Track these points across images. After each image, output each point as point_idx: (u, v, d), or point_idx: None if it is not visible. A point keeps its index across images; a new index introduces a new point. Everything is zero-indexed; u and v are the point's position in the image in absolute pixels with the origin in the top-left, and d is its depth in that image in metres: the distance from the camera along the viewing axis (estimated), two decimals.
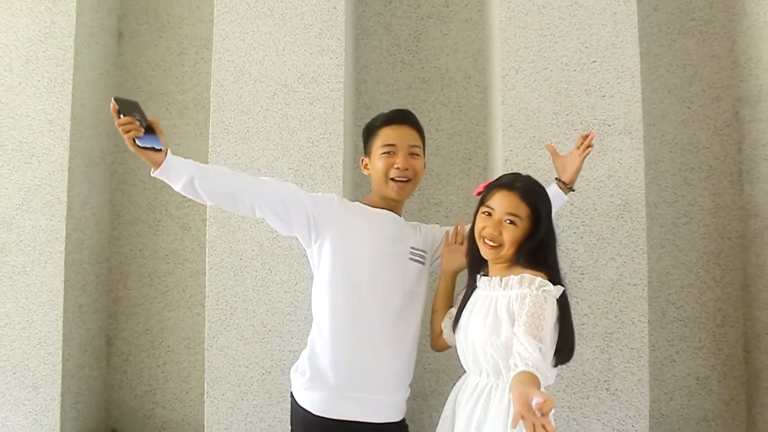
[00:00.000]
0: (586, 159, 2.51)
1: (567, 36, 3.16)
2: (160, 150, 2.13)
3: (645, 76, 3.52)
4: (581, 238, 3.06)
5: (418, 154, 2.43)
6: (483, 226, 2.19)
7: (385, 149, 2.39)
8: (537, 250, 2.15)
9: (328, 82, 3.23)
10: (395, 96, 3.69)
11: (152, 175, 2.16)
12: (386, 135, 2.41)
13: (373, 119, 2.50)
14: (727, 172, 3.58)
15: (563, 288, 2.10)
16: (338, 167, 3.17)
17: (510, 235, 2.14)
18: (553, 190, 2.50)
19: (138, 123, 2.09)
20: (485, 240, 2.17)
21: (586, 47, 3.15)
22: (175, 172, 2.16)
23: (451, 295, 2.47)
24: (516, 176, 2.25)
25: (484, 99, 3.67)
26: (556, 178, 2.55)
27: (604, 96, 3.12)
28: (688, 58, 3.65)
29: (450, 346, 2.38)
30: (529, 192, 2.18)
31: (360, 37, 3.75)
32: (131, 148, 2.11)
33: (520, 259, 2.15)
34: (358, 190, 3.46)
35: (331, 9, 3.25)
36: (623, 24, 3.15)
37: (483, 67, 3.69)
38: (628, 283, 3.05)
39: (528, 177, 2.25)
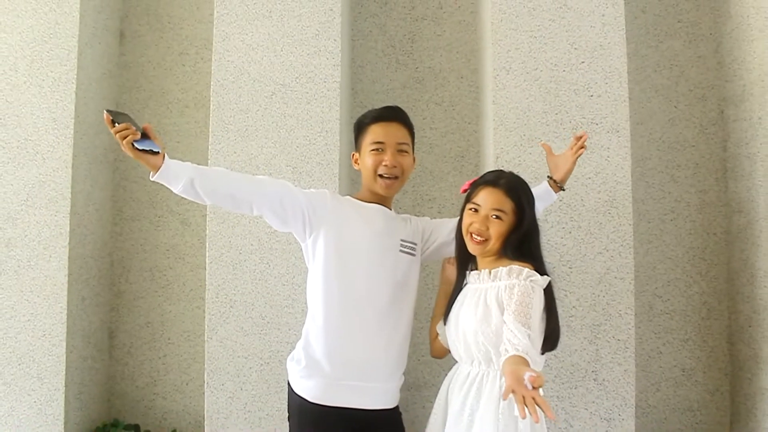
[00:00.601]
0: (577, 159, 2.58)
1: (556, 37, 3.25)
2: (158, 153, 2.17)
3: (633, 77, 3.62)
4: (569, 233, 3.16)
5: (406, 152, 2.47)
6: (470, 222, 2.27)
7: (374, 146, 2.44)
8: (522, 243, 2.24)
9: (324, 82, 3.31)
10: (390, 95, 3.77)
11: (152, 179, 2.21)
12: (375, 132, 2.45)
13: (363, 115, 2.54)
14: (713, 170, 3.68)
15: (549, 278, 2.19)
16: (334, 164, 3.26)
17: (496, 230, 2.22)
18: (543, 188, 2.57)
19: (134, 128, 2.13)
20: (472, 235, 2.26)
21: (575, 48, 3.24)
22: (174, 175, 2.21)
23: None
24: (500, 173, 2.34)
25: (476, 98, 3.76)
26: (548, 176, 2.62)
27: (592, 96, 3.21)
28: (675, 59, 3.75)
29: (448, 351, 2.43)
30: (513, 188, 2.26)
31: (356, 38, 3.83)
32: (129, 153, 2.14)
33: (506, 252, 2.24)
34: (353, 186, 3.54)
35: (327, 11, 3.34)
36: (611, 26, 3.24)
37: (475, 68, 3.78)
38: (615, 277, 3.14)
39: (511, 173, 2.34)
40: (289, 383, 2.48)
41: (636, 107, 3.64)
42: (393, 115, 2.50)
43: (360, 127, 2.52)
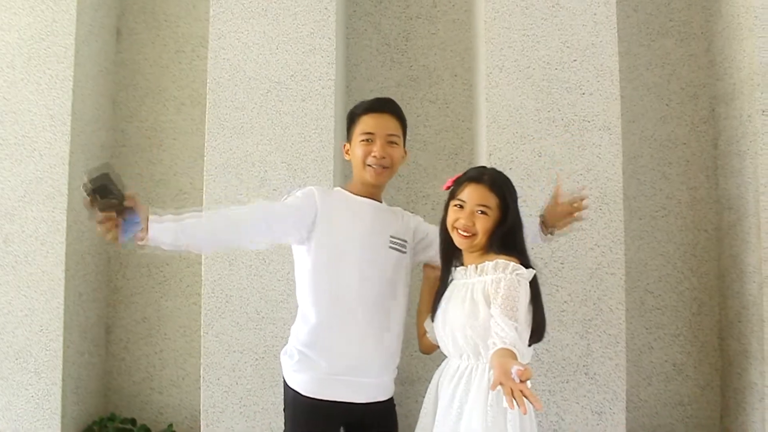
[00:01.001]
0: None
1: (549, 36, 3.29)
2: (142, 227, 2.09)
3: (625, 75, 3.66)
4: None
5: (396, 143, 2.46)
6: (456, 218, 2.29)
7: (364, 137, 2.42)
8: (507, 237, 2.27)
9: (319, 80, 3.34)
10: (384, 93, 3.77)
11: (137, 247, 2.16)
12: (366, 123, 2.44)
13: (356, 106, 2.54)
14: (703, 167, 3.72)
15: (534, 271, 2.22)
16: (329, 161, 3.29)
17: (482, 225, 2.25)
18: (534, 228, 2.58)
19: (115, 212, 2.03)
20: (459, 231, 2.29)
21: (567, 47, 3.28)
22: (158, 241, 2.14)
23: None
24: (483, 169, 2.37)
25: (469, 96, 3.80)
26: (540, 216, 2.60)
27: (584, 94, 3.25)
28: (667, 58, 3.78)
29: (437, 347, 2.45)
30: (496, 183, 2.30)
31: (351, 36, 3.86)
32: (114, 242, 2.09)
33: (492, 247, 2.26)
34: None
35: (322, 9, 3.36)
36: (603, 24, 3.28)
37: (469, 66, 3.81)
38: (607, 272, 3.18)
39: (493, 169, 2.37)
40: (284, 377, 2.48)
41: (628, 105, 3.68)
42: (384, 106, 2.49)
43: (351, 118, 2.52)
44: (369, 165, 2.43)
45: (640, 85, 3.77)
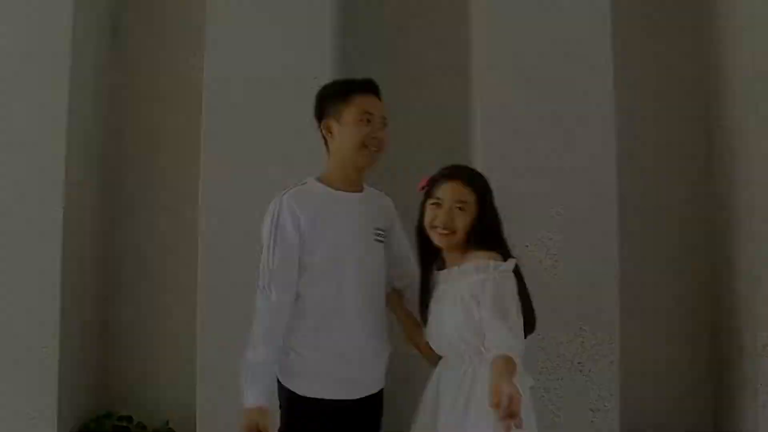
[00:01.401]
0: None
1: (543, 33, 3.30)
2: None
3: (619, 73, 3.66)
4: (556, 226, 3.21)
5: (387, 126, 2.43)
6: (434, 216, 2.27)
7: (364, 116, 2.35)
8: (486, 231, 2.27)
9: (315, 78, 3.34)
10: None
11: None
12: (365, 103, 2.38)
13: (343, 83, 2.49)
14: (697, 166, 3.74)
15: (515, 260, 2.21)
16: (325, 159, 3.29)
17: (461, 221, 2.24)
18: None
19: None
20: (438, 229, 2.27)
21: (562, 44, 3.29)
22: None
23: (413, 316, 2.50)
24: (456, 166, 2.36)
25: (465, 94, 3.79)
26: None
27: (578, 91, 3.26)
28: (662, 56, 3.79)
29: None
30: (472, 179, 2.29)
31: (346, 34, 3.85)
32: None
33: (471, 243, 2.25)
34: None
35: (318, 8, 3.38)
36: (597, 22, 3.30)
37: (464, 63, 3.81)
38: (601, 270, 3.19)
39: (466, 166, 2.38)
40: (277, 375, 2.45)
41: (623, 103, 3.68)
42: (375, 87, 2.46)
43: (340, 95, 2.43)
44: (367, 147, 2.37)
45: (635, 83, 3.77)
